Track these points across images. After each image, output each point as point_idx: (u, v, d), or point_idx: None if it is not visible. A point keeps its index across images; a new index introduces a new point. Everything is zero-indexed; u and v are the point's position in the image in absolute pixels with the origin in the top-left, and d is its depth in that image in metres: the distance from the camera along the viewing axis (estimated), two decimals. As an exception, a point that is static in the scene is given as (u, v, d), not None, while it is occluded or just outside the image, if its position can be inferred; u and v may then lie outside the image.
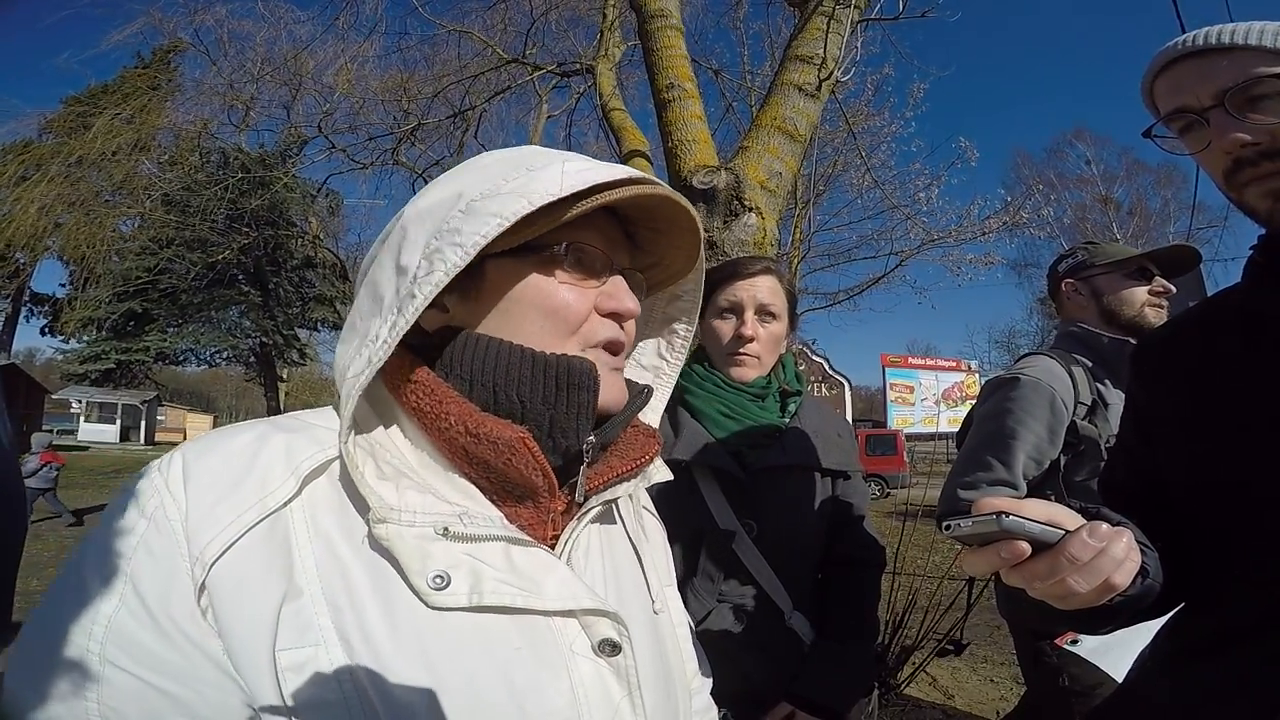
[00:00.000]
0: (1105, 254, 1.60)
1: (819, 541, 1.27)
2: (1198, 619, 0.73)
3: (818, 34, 2.77)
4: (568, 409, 0.52)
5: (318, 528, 0.45)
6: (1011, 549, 0.54)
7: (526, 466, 0.50)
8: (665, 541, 0.77)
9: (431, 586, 0.44)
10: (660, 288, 0.69)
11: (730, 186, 2.38)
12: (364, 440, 0.50)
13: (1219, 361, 0.72)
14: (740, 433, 1.25)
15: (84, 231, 13.80)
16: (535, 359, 0.52)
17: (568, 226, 0.52)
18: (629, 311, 0.57)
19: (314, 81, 9.17)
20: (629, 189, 0.52)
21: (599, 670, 0.49)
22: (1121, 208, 24.10)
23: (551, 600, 0.48)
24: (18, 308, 24.39)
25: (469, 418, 0.49)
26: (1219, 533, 0.69)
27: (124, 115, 13.42)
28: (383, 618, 0.43)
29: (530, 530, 0.53)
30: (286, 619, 0.41)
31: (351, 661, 0.41)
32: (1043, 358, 1.51)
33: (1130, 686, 0.81)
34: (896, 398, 20.32)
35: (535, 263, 0.54)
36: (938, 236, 10.97)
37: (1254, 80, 0.64)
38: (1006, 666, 3.63)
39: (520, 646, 0.46)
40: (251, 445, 0.47)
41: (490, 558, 0.47)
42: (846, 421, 1.39)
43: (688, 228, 0.60)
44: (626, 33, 5.10)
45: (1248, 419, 0.67)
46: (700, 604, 1.20)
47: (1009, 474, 1.41)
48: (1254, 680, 0.62)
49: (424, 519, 0.46)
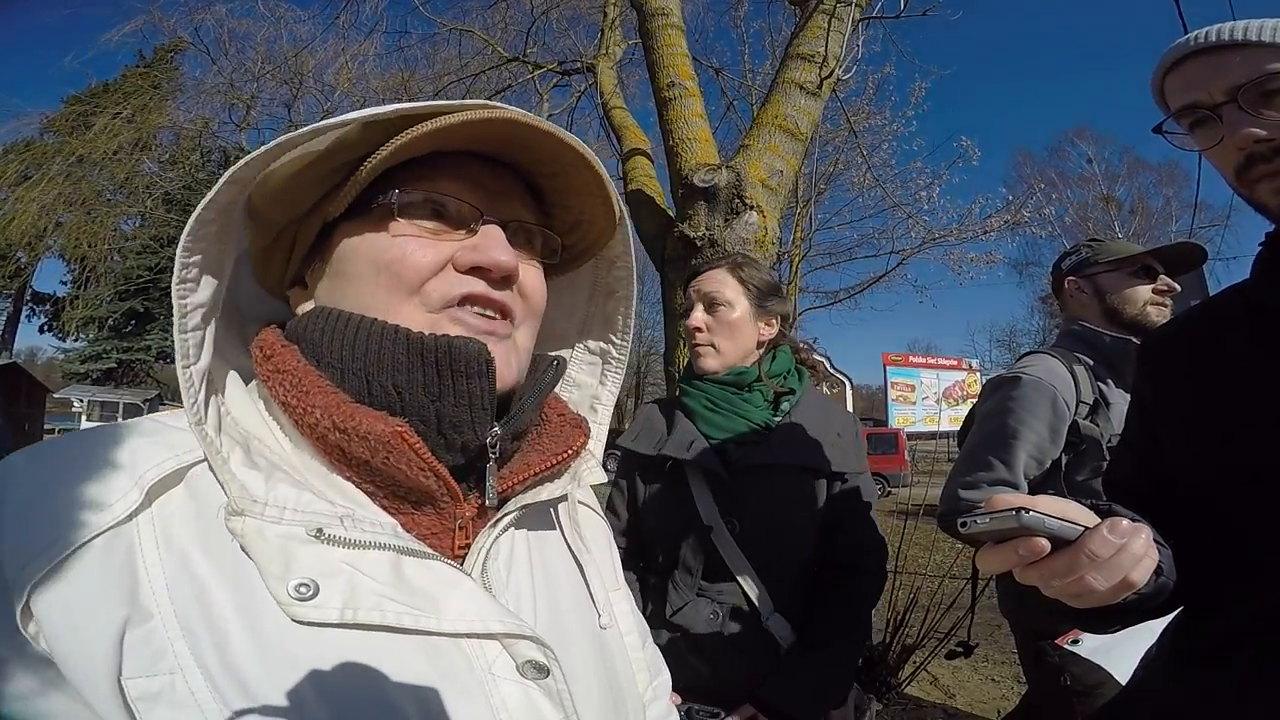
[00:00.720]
0: (1109, 252, 1.59)
1: (807, 543, 1.25)
2: (1204, 620, 0.73)
3: (819, 32, 2.76)
4: (455, 400, 0.45)
5: (170, 543, 0.39)
6: (1030, 546, 0.53)
7: (410, 466, 0.44)
8: (610, 541, 0.69)
9: (293, 596, 0.38)
10: (593, 251, 0.60)
11: (731, 185, 2.38)
12: (238, 432, 0.44)
13: (1227, 358, 0.71)
14: (728, 429, 1.27)
15: (85, 230, 13.83)
16: (410, 340, 0.45)
17: (421, 179, 0.48)
18: (496, 264, 0.48)
19: (315, 80, 9.19)
20: (443, 119, 0.44)
21: (527, 693, 0.43)
22: (1123, 207, 24.08)
23: (450, 622, 0.42)
24: (19, 307, 24.44)
25: (337, 411, 0.43)
26: (1227, 531, 0.69)
27: (125, 114, 13.43)
28: (249, 640, 0.37)
29: (432, 540, 0.47)
30: (133, 645, 0.35)
31: (214, 690, 0.36)
32: (1044, 356, 1.51)
33: (1136, 687, 0.81)
34: (898, 396, 20.31)
35: (374, 218, 0.48)
36: (939, 235, 10.94)
37: (1267, 76, 0.64)
38: (1008, 666, 3.63)
39: (424, 670, 0.40)
40: (88, 454, 0.41)
41: (373, 569, 0.41)
42: (851, 420, 1.35)
43: (583, 165, 0.50)
44: (627, 31, 5.09)
45: (1256, 415, 0.67)
46: (679, 596, 1.23)
47: (1010, 473, 1.41)
48: (1263, 681, 0.62)
49: (294, 516, 0.40)
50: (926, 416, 20.01)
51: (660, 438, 1.31)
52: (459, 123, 0.44)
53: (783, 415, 1.29)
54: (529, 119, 0.46)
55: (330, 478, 0.45)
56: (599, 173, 0.51)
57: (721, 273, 1.33)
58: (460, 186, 0.49)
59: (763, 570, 1.21)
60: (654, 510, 1.31)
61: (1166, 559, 0.63)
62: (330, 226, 0.50)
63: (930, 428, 19.43)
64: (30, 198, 13.09)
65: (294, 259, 0.52)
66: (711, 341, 1.30)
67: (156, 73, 16.92)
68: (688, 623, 1.21)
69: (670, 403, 1.40)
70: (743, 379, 1.29)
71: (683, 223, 2.44)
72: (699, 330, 1.30)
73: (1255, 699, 0.62)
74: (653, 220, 2.90)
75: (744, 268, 1.34)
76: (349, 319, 0.46)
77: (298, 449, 0.46)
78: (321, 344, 0.47)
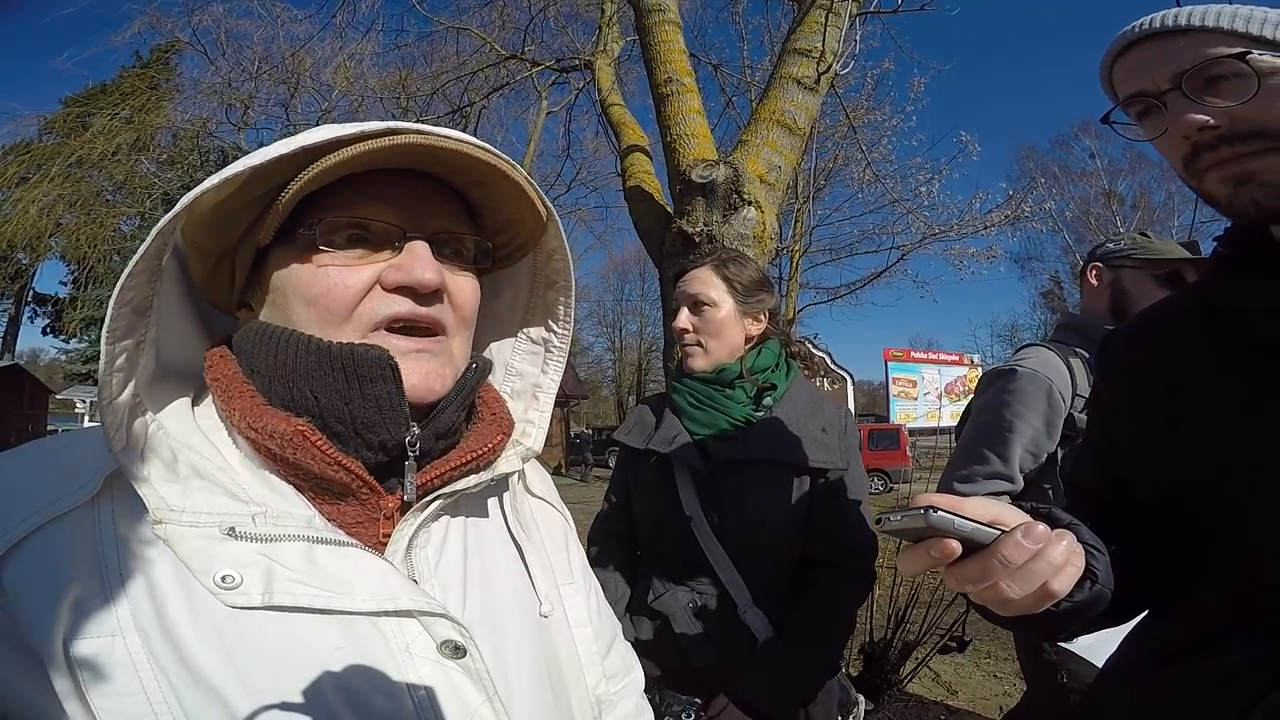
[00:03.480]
0: (1146, 249, 1.52)
1: (787, 539, 1.25)
2: (1163, 624, 0.71)
3: (816, 27, 2.75)
4: (364, 403, 0.49)
5: (126, 525, 0.44)
6: (940, 548, 0.51)
7: (316, 461, 0.47)
8: (566, 536, 0.71)
9: (219, 585, 0.42)
10: (528, 247, 0.61)
11: (729, 180, 2.37)
12: (174, 439, 0.48)
13: (1185, 357, 0.69)
14: (710, 425, 1.29)
15: (85, 231, 13.83)
16: (320, 350, 0.48)
17: (339, 205, 0.49)
18: (420, 284, 0.50)
19: (312, 79, 9.19)
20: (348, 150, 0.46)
21: (447, 673, 0.47)
22: (1125, 201, 24.03)
23: (362, 601, 0.45)
24: (20, 309, 24.47)
25: (249, 413, 0.48)
26: (1185, 534, 0.67)
27: (123, 115, 13.43)
28: (186, 610, 0.42)
29: (358, 529, 0.50)
30: (81, 611, 0.40)
31: (150, 651, 0.40)
32: (1040, 349, 1.50)
33: (1096, 693, 0.78)
34: (899, 392, 20.32)
35: (298, 248, 0.50)
36: (939, 230, 10.93)
37: (1211, 61, 0.61)
38: (1009, 662, 3.63)
39: (342, 646, 0.44)
40: (62, 447, 0.47)
41: (286, 558, 0.45)
42: (840, 416, 1.33)
43: (500, 174, 0.51)
44: (625, 28, 5.07)
45: (1213, 415, 0.65)
46: (661, 584, 1.27)
47: (1005, 467, 1.40)
48: (1220, 688, 0.60)
49: (209, 519, 0.44)
50: (928, 412, 19.98)
51: (649, 432, 1.35)
52: (361, 153, 0.46)
53: (765, 411, 1.29)
54: (430, 138, 0.47)
55: (261, 473, 0.49)
56: (516, 179, 0.52)
57: (706, 272, 1.34)
58: (380, 207, 0.51)
59: (741, 563, 1.23)
60: (643, 501, 1.37)
61: (1103, 565, 0.60)
62: (264, 252, 0.52)
63: (932, 423, 19.38)
64: (30, 199, 13.10)
65: (236, 284, 0.55)
66: (699, 341, 1.32)
67: (154, 73, 16.87)
68: (666, 610, 1.25)
69: (662, 399, 1.43)
70: (724, 375, 1.30)
71: (681, 218, 2.43)
72: (686, 331, 1.33)
73: (1213, 705, 0.60)
74: (651, 216, 2.90)
75: (729, 265, 1.34)
76: (274, 332, 0.50)
77: (237, 448, 0.50)
78: (255, 355, 0.50)
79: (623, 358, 36.07)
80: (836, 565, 1.24)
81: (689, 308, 1.34)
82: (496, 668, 0.49)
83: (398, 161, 0.50)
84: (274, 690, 0.42)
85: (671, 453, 1.28)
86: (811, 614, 1.22)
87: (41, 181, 13.28)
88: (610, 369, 37.70)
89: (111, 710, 0.39)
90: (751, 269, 1.36)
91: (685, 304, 1.34)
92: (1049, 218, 13.01)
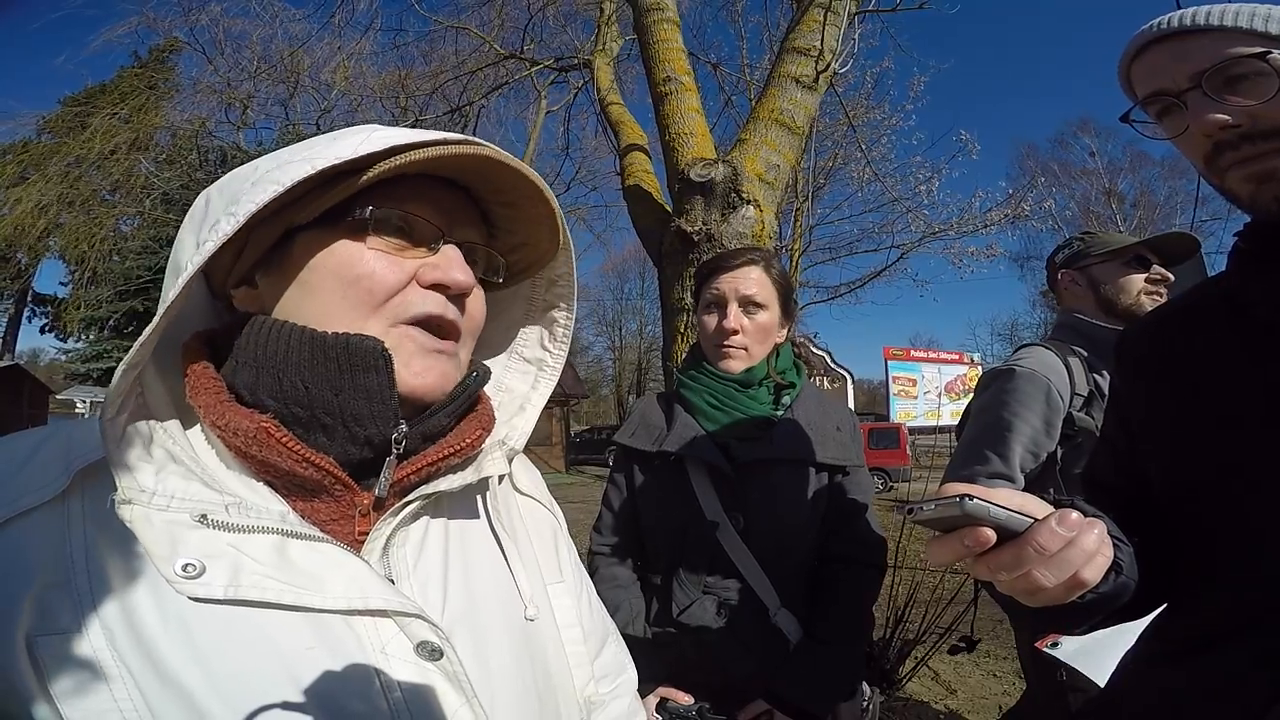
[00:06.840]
0: (1102, 243, 1.59)
1: (810, 538, 1.24)
2: (1181, 619, 0.71)
3: (815, 26, 2.75)
4: (354, 394, 0.48)
5: (93, 520, 0.43)
6: (975, 536, 0.51)
7: (281, 457, 0.46)
8: (557, 537, 0.70)
9: (180, 574, 0.41)
10: (533, 270, 0.63)
11: (728, 179, 2.36)
12: (152, 428, 0.47)
13: (1203, 352, 0.70)
14: (730, 425, 1.24)
15: (84, 231, 13.79)
16: (314, 339, 0.48)
17: (390, 198, 0.50)
18: (456, 283, 0.52)
19: (311, 79, 9.17)
20: (431, 150, 0.48)
21: (425, 674, 0.46)
22: (1125, 200, 24.02)
23: (333, 599, 0.44)
24: (20, 309, 24.46)
25: (214, 409, 0.47)
26: (1202, 530, 0.67)
27: (122, 114, 13.39)
28: (153, 608, 0.41)
29: (333, 527, 0.50)
30: (44, 608, 0.40)
31: (114, 648, 0.40)
32: (1039, 348, 1.50)
33: (1113, 688, 0.79)
34: (899, 391, 20.32)
35: (344, 230, 0.50)
36: (939, 229, 10.92)
37: (1231, 60, 0.62)
38: (1009, 661, 3.62)
39: (313, 646, 0.43)
40: (32, 444, 0.47)
41: (256, 551, 0.44)
42: (849, 414, 1.34)
43: (539, 199, 0.55)
44: (624, 27, 5.07)
45: (1232, 411, 0.65)
46: (685, 595, 1.20)
47: (1006, 467, 1.40)
48: (1238, 683, 0.60)
49: (180, 504, 0.44)
50: (928, 411, 19.99)
51: (659, 433, 1.28)
52: (447, 155, 0.48)
53: (784, 410, 1.27)
54: (502, 156, 0.50)
55: (233, 471, 0.48)
56: (552, 206, 0.56)
57: (758, 271, 1.28)
58: (425, 207, 0.53)
59: (768, 566, 1.20)
60: (653, 507, 1.28)
61: (1127, 557, 0.61)
62: (291, 231, 0.51)
63: (932, 422, 19.40)
64: (29, 199, 13.08)
65: (243, 259, 0.53)
66: (745, 345, 1.26)
67: (152, 73, 16.83)
68: (695, 621, 1.18)
69: (668, 397, 1.37)
70: (751, 376, 1.27)
71: (679, 217, 2.43)
72: (735, 332, 1.25)
73: (1231, 701, 0.60)
74: (650, 215, 2.89)
75: (774, 265, 1.31)
76: (264, 323, 0.50)
77: (210, 445, 0.49)
78: (244, 345, 0.50)
79: (622, 357, 36.05)
80: (856, 560, 1.24)
81: (742, 308, 1.27)
82: (477, 670, 0.49)
83: (446, 169, 0.52)
84: (243, 690, 0.41)
85: (690, 455, 1.22)
86: (842, 611, 1.21)
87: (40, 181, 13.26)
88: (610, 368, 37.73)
89: (78, 707, 0.39)
90: (784, 270, 1.34)
91: (736, 302, 1.26)
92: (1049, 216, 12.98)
